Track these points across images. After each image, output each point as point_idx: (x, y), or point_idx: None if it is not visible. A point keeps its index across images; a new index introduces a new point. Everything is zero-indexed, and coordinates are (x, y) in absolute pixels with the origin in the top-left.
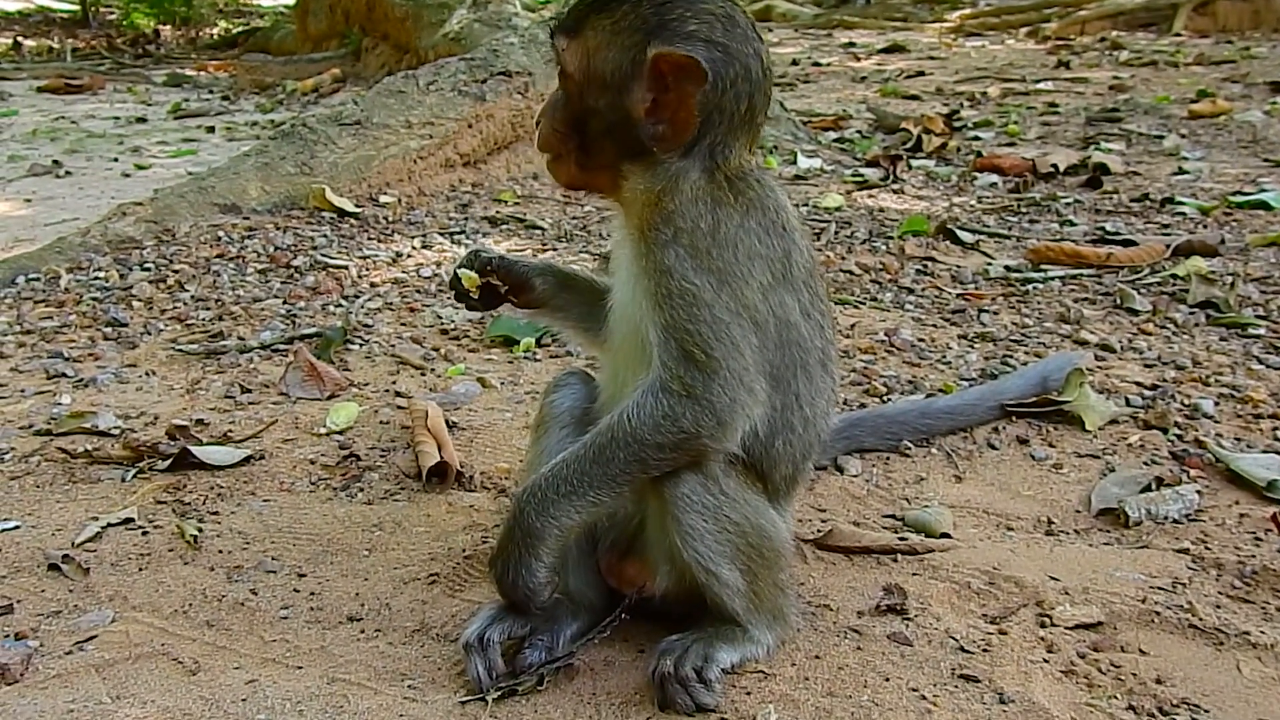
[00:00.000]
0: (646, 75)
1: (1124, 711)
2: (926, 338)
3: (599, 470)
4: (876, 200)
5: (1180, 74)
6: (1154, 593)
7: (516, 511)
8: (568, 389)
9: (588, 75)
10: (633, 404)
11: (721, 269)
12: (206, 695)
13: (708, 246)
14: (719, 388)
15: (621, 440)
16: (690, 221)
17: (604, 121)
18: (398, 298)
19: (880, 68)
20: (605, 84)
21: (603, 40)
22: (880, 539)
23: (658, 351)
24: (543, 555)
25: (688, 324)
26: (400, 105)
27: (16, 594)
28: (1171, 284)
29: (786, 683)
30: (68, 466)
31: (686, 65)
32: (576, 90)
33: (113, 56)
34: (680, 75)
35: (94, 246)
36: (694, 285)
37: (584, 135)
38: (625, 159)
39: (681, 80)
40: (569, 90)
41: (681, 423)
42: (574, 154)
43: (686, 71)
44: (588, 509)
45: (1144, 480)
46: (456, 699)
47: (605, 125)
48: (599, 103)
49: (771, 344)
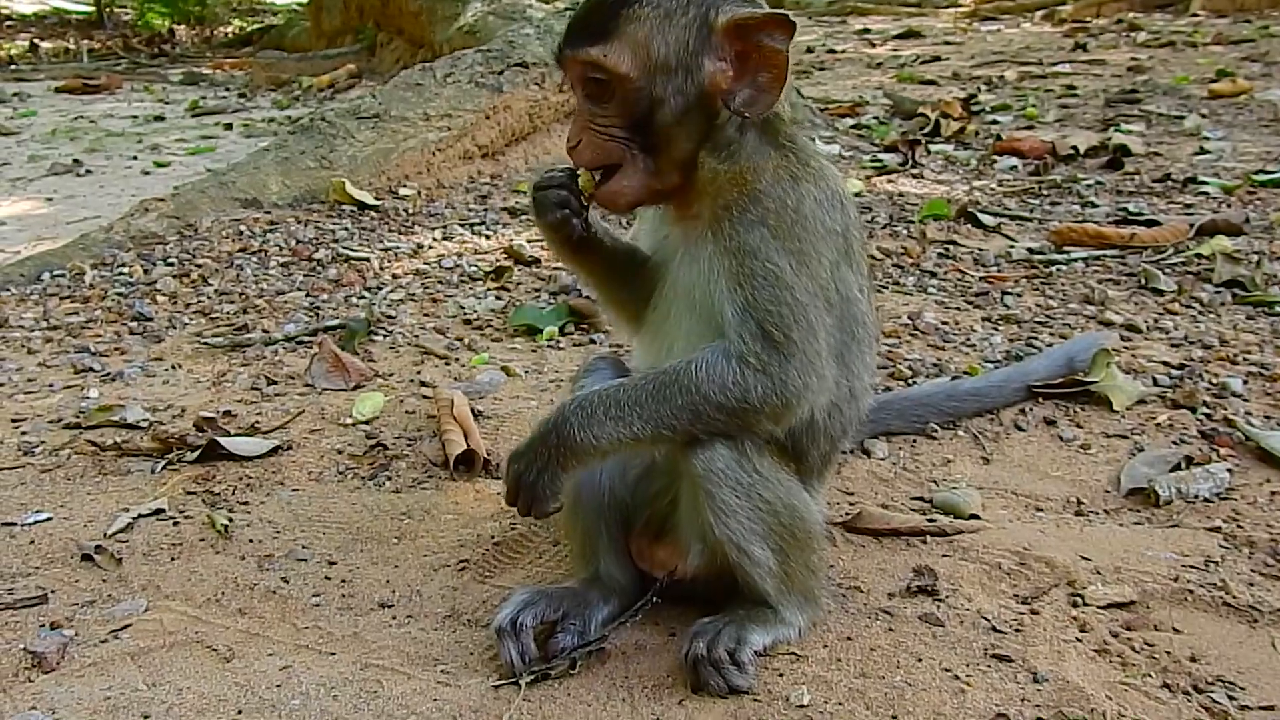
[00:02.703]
0: (721, 45)
1: (1159, 689)
2: (950, 321)
3: (653, 407)
4: (896, 185)
5: (1199, 54)
6: (1186, 571)
7: (559, 419)
8: (599, 374)
9: (648, 67)
10: (703, 359)
11: (801, 249)
12: (241, 681)
13: (790, 225)
14: (794, 371)
15: (685, 387)
16: (777, 201)
17: (673, 109)
18: (420, 289)
19: (896, 54)
20: (671, 69)
21: (653, 27)
22: (909, 521)
23: (733, 327)
24: (569, 468)
25: (769, 305)
26: (418, 98)
27: (51, 584)
28: (1196, 263)
29: (819, 664)
30: (97, 459)
31: (770, 22)
32: (634, 89)
33: (129, 56)
34: (765, 33)
35: (117, 242)
36: (777, 267)
37: (648, 133)
38: (696, 143)
39: (766, 38)
40: (624, 92)
41: (750, 395)
42: (639, 158)
43: (771, 28)
44: (626, 440)
45: (1174, 459)
46: (489, 683)
47: (675, 113)
48: (665, 91)
49: (836, 323)
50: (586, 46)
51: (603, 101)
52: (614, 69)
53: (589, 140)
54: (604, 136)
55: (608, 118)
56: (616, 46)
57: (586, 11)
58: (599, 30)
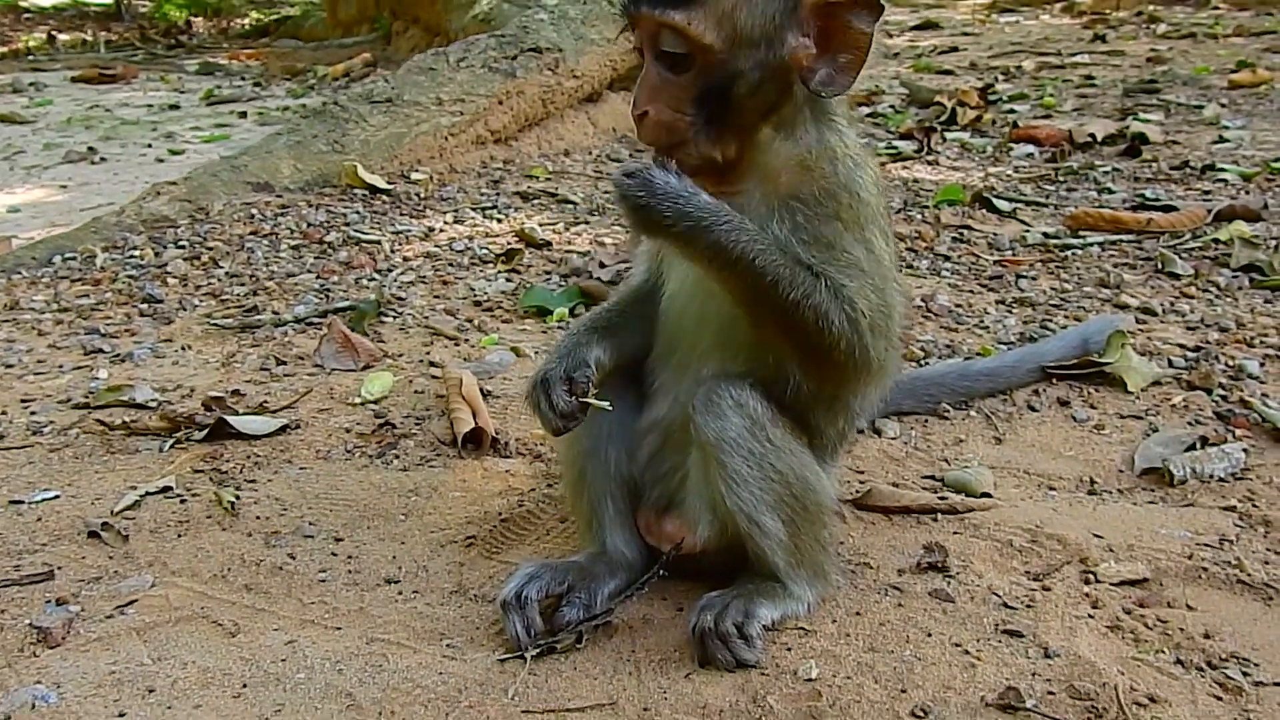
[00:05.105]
0: (807, 21)
1: (1172, 665)
2: (964, 303)
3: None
4: (911, 171)
5: (1219, 45)
6: (1200, 549)
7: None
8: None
9: (732, 39)
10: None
11: (869, 238)
12: (246, 656)
13: (859, 215)
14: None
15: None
16: (849, 194)
17: (749, 82)
18: (430, 271)
19: (913, 44)
20: (755, 42)
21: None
22: (920, 499)
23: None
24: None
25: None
26: (431, 82)
27: (57, 561)
28: (1213, 248)
29: (827, 638)
30: (106, 438)
31: (860, 1)
32: (715, 60)
33: (145, 47)
34: (853, 12)
35: (129, 226)
36: (855, 256)
37: (718, 106)
38: (761, 116)
39: (854, 18)
40: (704, 63)
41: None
42: (703, 129)
43: (860, 7)
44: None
45: (1188, 440)
46: (495, 657)
47: (750, 86)
48: (745, 64)
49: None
50: (670, 9)
51: (678, 70)
52: (698, 38)
53: (658, 113)
54: (674, 109)
55: (680, 87)
56: (703, 14)
57: None
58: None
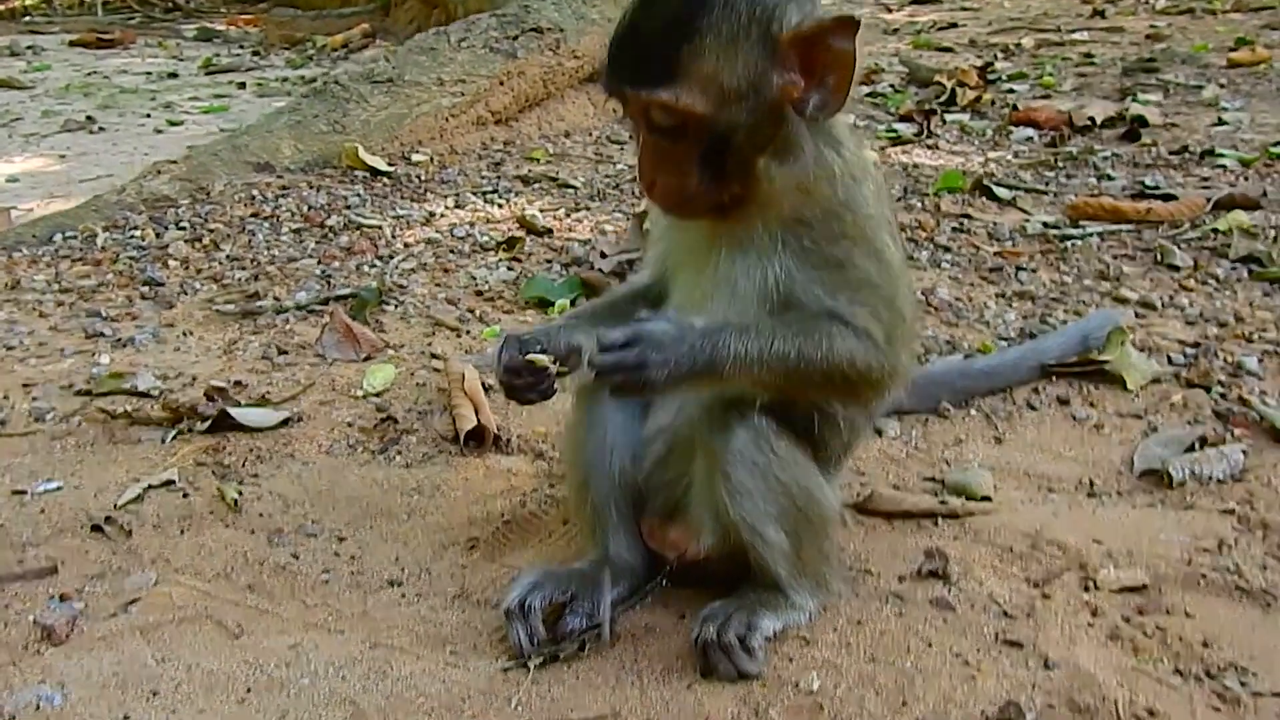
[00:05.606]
0: (787, 55)
1: (1171, 675)
2: (964, 296)
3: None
4: (911, 156)
5: (1218, 21)
6: (1199, 554)
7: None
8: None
9: (722, 99)
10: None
11: (878, 249)
12: (250, 659)
13: (864, 230)
14: (901, 353)
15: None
16: (851, 213)
17: (746, 129)
18: (431, 258)
19: (912, 19)
20: (743, 94)
21: (720, 58)
22: (920, 502)
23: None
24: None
25: (866, 300)
26: (432, 62)
27: (61, 555)
28: (1212, 238)
29: (829, 648)
30: (108, 427)
31: (835, 26)
32: (709, 122)
33: (143, 10)
34: (832, 36)
35: (130, 205)
36: (863, 271)
37: (720, 158)
38: (763, 156)
39: (833, 40)
40: (698, 128)
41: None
42: (708, 182)
43: (836, 31)
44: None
45: (1187, 440)
46: (498, 665)
47: (748, 132)
48: (739, 116)
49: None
50: (653, 89)
51: (676, 138)
52: (690, 109)
53: (665, 181)
54: (679, 173)
55: (681, 153)
56: (687, 86)
57: (642, 47)
58: (664, 70)
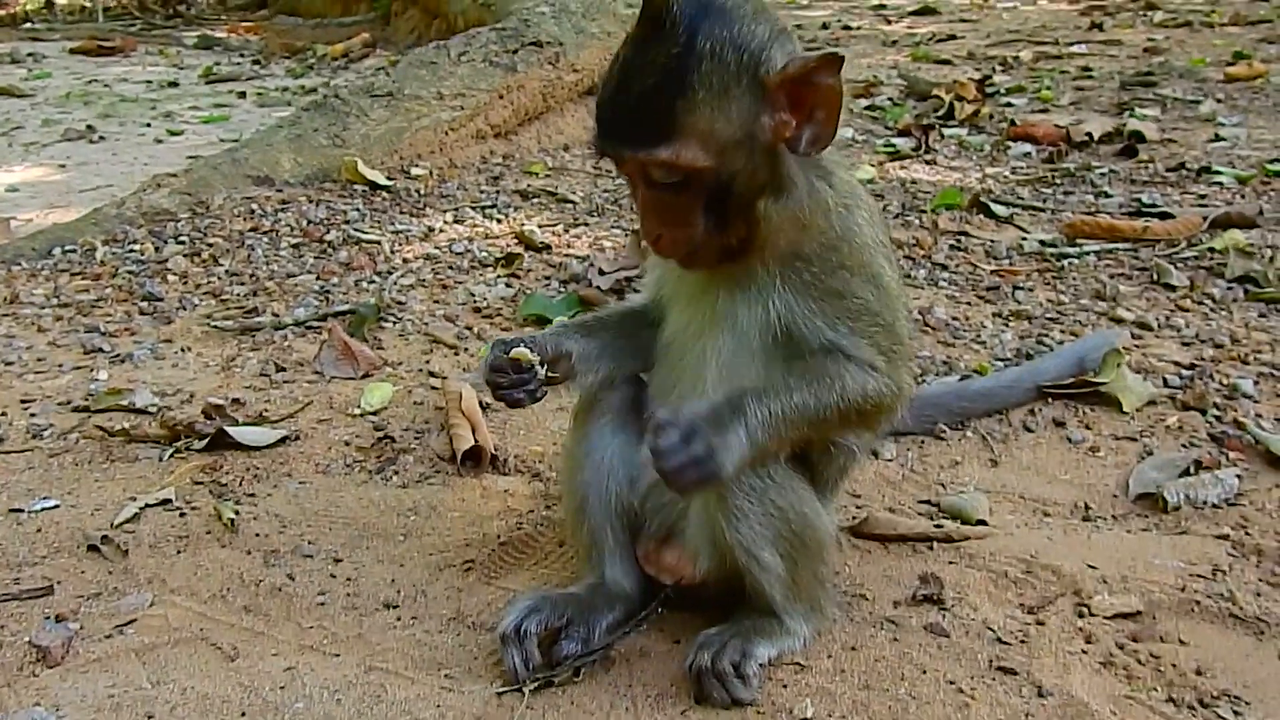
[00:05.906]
0: (776, 98)
1: (1164, 704)
2: (961, 316)
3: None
4: (909, 171)
5: (1216, 35)
6: (1193, 581)
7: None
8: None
9: (720, 149)
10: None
11: (875, 275)
12: (245, 682)
13: (860, 258)
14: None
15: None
16: (848, 244)
17: (745, 175)
18: (430, 274)
19: (911, 31)
20: (738, 142)
21: (713, 111)
22: (916, 526)
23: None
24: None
25: (870, 329)
26: (432, 76)
27: (57, 575)
28: (1209, 258)
29: (823, 675)
30: (105, 444)
31: (819, 66)
32: (709, 174)
33: (144, 17)
34: (817, 74)
35: (129, 218)
36: (864, 300)
37: (722, 205)
38: (763, 198)
39: (819, 78)
40: (698, 181)
41: (883, 399)
42: (712, 229)
43: (821, 70)
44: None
45: (1182, 464)
46: (493, 690)
47: (747, 177)
48: (737, 164)
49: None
50: (651, 149)
51: (677, 192)
52: (689, 165)
53: (670, 234)
54: (684, 225)
55: (683, 205)
56: (685, 142)
57: (634, 106)
58: (661, 128)
